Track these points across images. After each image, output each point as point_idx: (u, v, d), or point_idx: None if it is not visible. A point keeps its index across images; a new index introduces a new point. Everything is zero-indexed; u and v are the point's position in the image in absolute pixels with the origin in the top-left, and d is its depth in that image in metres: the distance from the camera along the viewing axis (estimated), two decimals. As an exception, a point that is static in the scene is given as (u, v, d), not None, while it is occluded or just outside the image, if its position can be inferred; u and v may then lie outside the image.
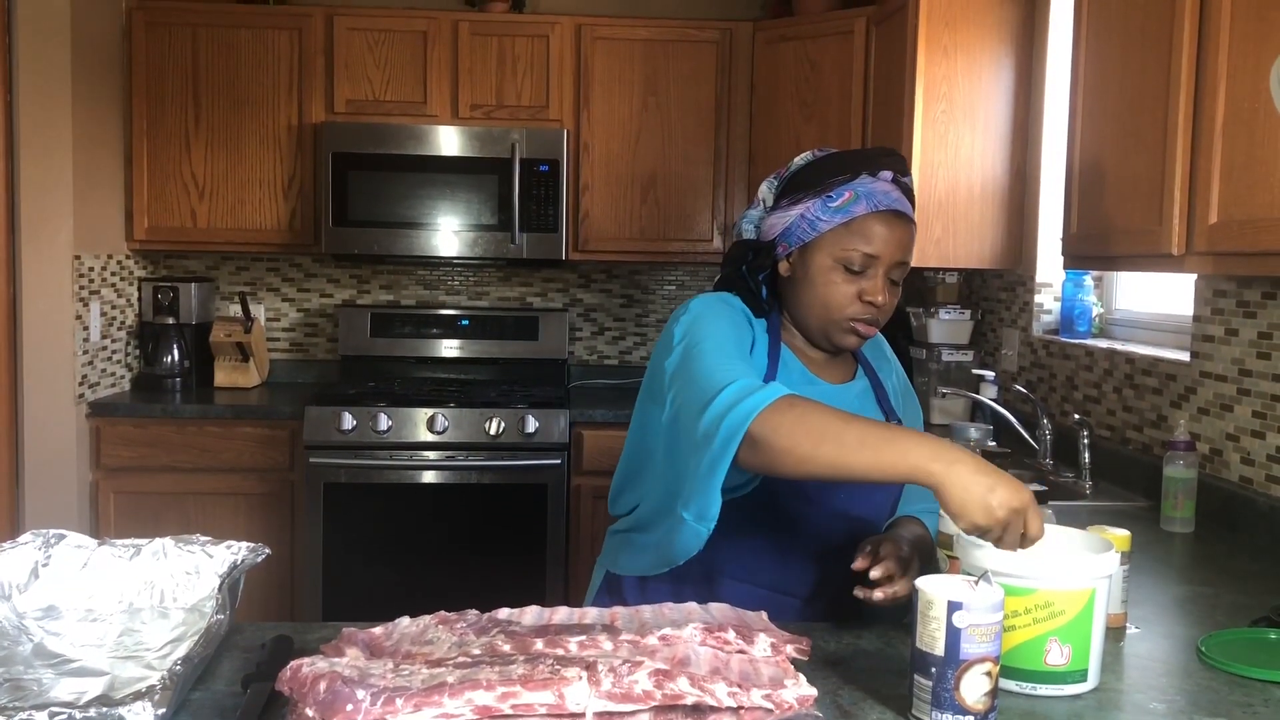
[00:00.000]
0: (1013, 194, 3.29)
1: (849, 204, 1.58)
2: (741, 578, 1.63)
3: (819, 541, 1.63)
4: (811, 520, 1.63)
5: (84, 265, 3.60)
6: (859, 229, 1.57)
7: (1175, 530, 2.24)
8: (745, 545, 1.62)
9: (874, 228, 1.57)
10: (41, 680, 1.22)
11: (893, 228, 1.58)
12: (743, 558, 1.63)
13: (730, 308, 1.64)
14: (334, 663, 1.15)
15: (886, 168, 1.61)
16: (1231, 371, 2.33)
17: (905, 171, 1.63)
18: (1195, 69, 1.89)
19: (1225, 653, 1.43)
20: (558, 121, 3.92)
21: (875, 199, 1.57)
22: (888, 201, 1.58)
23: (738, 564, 1.63)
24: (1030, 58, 3.26)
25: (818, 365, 1.69)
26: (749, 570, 1.63)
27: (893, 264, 1.59)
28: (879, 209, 1.57)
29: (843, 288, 1.59)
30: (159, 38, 3.83)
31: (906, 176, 1.63)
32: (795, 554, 1.63)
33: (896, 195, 1.59)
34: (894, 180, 1.60)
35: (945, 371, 3.51)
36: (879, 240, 1.57)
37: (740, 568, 1.63)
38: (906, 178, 1.63)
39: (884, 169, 1.60)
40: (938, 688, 1.15)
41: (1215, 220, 1.83)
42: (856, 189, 1.58)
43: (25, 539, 1.46)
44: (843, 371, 1.72)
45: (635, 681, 1.08)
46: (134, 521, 3.60)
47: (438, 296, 4.33)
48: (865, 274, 1.59)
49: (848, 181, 1.59)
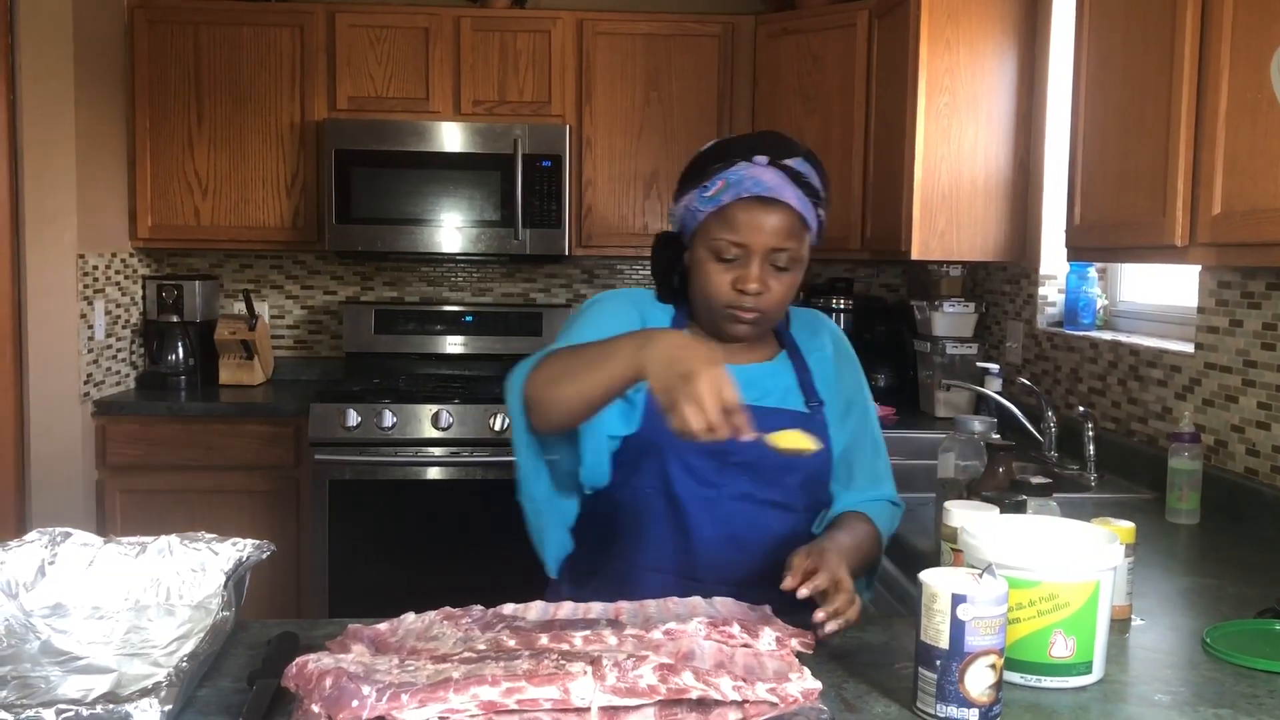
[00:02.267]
0: (1016, 186, 3.28)
1: (720, 193, 1.57)
2: (651, 566, 1.64)
3: (725, 525, 1.63)
4: (715, 504, 1.63)
5: (88, 264, 3.61)
6: (727, 217, 1.57)
7: (1180, 522, 2.24)
8: (651, 533, 1.63)
9: (739, 215, 1.56)
10: (49, 678, 1.23)
11: (761, 214, 1.55)
12: (648, 546, 1.64)
13: (618, 304, 1.69)
14: (339, 659, 1.15)
15: (762, 152, 1.58)
16: (1236, 363, 2.33)
17: (789, 154, 1.59)
18: (1198, 60, 1.88)
19: (1230, 644, 1.43)
20: (560, 117, 3.92)
21: (743, 186, 1.55)
22: (756, 188, 1.55)
23: (644, 553, 1.64)
24: (1033, 50, 3.25)
25: (726, 350, 1.66)
26: (654, 558, 1.64)
27: (767, 251, 1.56)
28: (743, 196, 1.55)
29: (718, 277, 1.59)
30: (161, 36, 3.83)
31: (793, 159, 1.58)
32: (701, 539, 1.63)
33: (772, 180, 1.55)
34: (772, 164, 1.57)
35: (949, 365, 3.51)
36: (744, 228, 1.56)
37: (647, 556, 1.64)
38: (793, 160, 1.58)
39: (760, 154, 1.57)
40: (942, 680, 1.16)
41: (1218, 211, 1.82)
42: (729, 177, 1.57)
43: (31, 537, 1.47)
44: (758, 353, 1.70)
45: (640, 676, 1.08)
46: (140, 519, 3.60)
47: (441, 293, 4.33)
48: (739, 262, 1.58)
49: (722, 170, 1.58)
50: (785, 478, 1.64)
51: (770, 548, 1.62)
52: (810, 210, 1.59)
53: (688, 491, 1.62)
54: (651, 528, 1.64)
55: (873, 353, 3.92)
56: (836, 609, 1.34)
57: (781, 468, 1.62)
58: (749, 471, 1.62)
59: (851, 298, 4.00)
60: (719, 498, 1.63)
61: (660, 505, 1.63)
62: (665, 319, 1.71)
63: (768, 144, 1.60)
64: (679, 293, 1.71)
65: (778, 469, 1.62)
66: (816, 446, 1.43)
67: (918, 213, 3.23)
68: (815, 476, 1.67)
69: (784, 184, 1.56)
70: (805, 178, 1.58)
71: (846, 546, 1.53)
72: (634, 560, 1.65)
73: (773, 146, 1.60)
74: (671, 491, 1.62)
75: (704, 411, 1.27)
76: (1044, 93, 3.21)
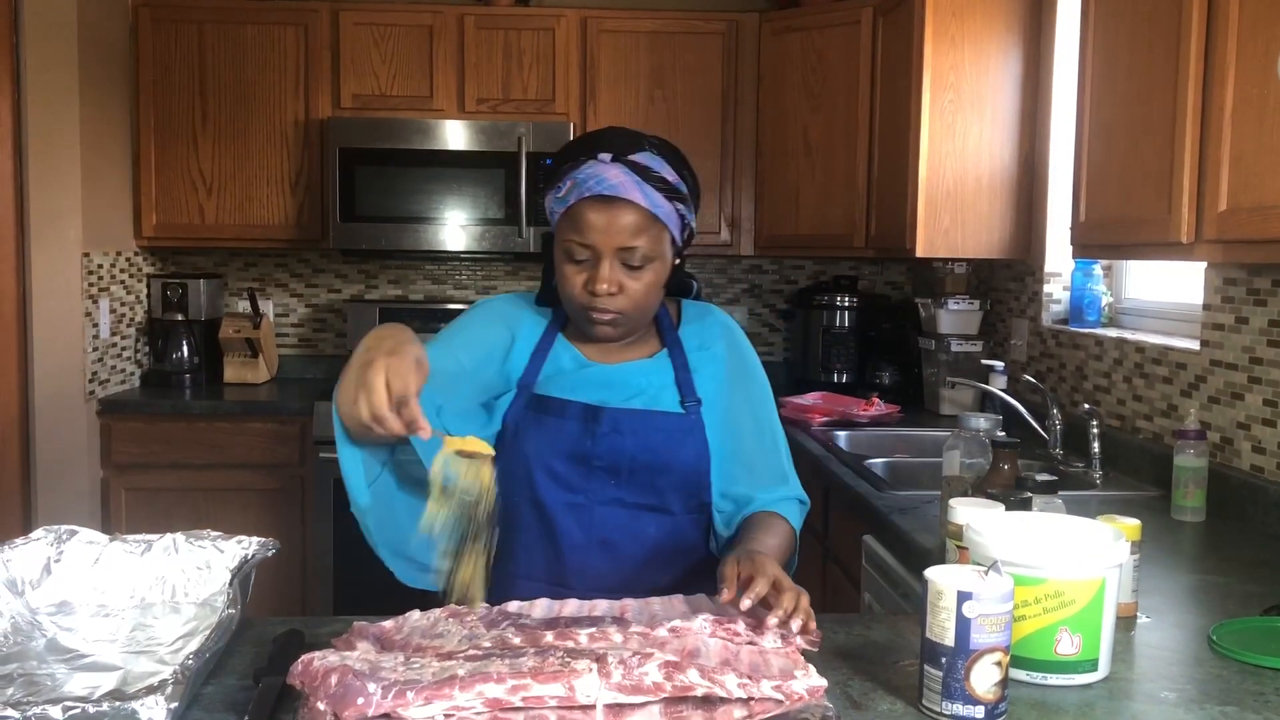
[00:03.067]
0: (1021, 183, 3.28)
1: (569, 193, 1.54)
2: (523, 575, 1.61)
3: (594, 531, 1.60)
4: (583, 510, 1.60)
5: (93, 262, 3.61)
6: (573, 218, 1.54)
7: (1186, 519, 2.23)
8: (520, 541, 1.61)
9: (584, 215, 1.52)
10: (55, 675, 1.23)
11: (602, 213, 1.51)
12: (518, 554, 1.61)
13: (491, 309, 1.70)
14: (345, 656, 1.15)
15: (607, 149, 1.54)
16: (1242, 360, 2.33)
17: (634, 149, 1.55)
18: (1204, 56, 1.88)
19: (1237, 641, 1.43)
20: (564, 115, 3.92)
21: (585, 185, 1.52)
22: (599, 187, 1.51)
23: (515, 561, 1.61)
24: (1038, 47, 3.25)
25: (601, 350, 1.65)
26: (525, 567, 1.61)
27: (615, 250, 1.53)
28: (585, 195, 1.52)
29: (572, 279, 1.57)
30: (165, 34, 3.83)
31: (638, 153, 1.54)
32: (570, 546, 1.60)
33: (614, 178, 1.51)
34: (616, 160, 1.52)
35: (954, 362, 3.50)
36: (588, 228, 1.52)
37: (518, 564, 1.61)
38: (638, 154, 1.54)
39: (604, 150, 1.54)
40: (948, 678, 1.15)
41: (1224, 208, 1.82)
42: (576, 176, 1.53)
43: (37, 535, 1.47)
44: (637, 351, 1.67)
45: (645, 673, 1.08)
46: (145, 517, 3.61)
47: (446, 290, 4.33)
48: (589, 263, 1.55)
49: (570, 170, 1.55)
50: (657, 480, 1.60)
51: (646, 553, 1.60)
52: (663, 205, 1.54)
53: (552, 498, 1.60)
54: (521, 535, 1.61)
55: (877, 350, 3.92)
56: (786, 609, 1.27)
57: (651, 470, 1.59)
58: (615, 476, 1.59)
59: (856, 295, 4.00)
60: (587, 504, 1.60)
61: (527, 513, 1.60)
62: (540, 322, 1.69)
63: (613, 140, 1.56)
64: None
65: (647, 471, 1.59)
66: (490, 452, 1.39)
67: (922, 210, 3.23)
68: (690, 478, 1.62)
69: (629, 180, 1.51)
70: (654, 172, 1.53)
71: (772, 548, 1.50)
72: (506, 569, 1.60)
73: (618, 142, 1.55)
74: (536, 498, 1.60)
75: (371, 402, 1.26)
76: (1049, 89, 3.21)
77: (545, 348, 1.66)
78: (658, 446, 1.59)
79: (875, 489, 2.48)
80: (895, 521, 2.19)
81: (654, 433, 1.59)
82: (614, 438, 1.58)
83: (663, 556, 1.61)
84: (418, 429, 1.30)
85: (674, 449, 1.60)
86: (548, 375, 1.64)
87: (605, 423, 1.59)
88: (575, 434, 1.59)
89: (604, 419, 1.59)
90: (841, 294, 3.99)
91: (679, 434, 1.61)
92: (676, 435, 1.60)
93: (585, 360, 1.65)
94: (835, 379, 3.93)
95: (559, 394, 1.62)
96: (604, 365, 1.65)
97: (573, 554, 1.61)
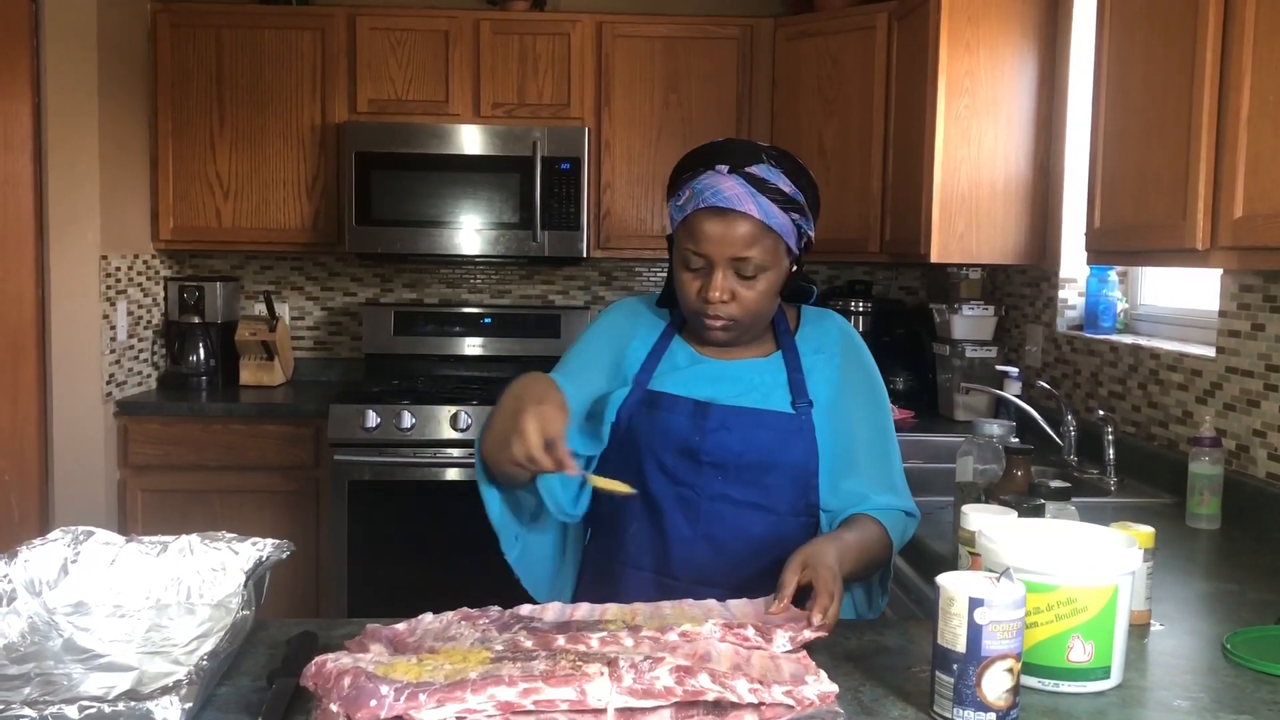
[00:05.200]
0: (1036, 189, 3.27)
1: (687, 202, 1.58)
2: (630, 563, 1.66)
3: (701, 525, 1.62)
4: (690, 503, 1.63)
5: (111, 265, 3.64)
6: (690, 227, 1.57)
7: (1201, 527, 2.22)
8: (630, 532, 1.65)
9: (699, 225, 1.56)
10: (71, 675, 1.24)
11: (717, 224, 1.55)
12: (626, 544, 1.66)
13: (615, 315, 1.76)
14: (358, 658, 1.16)
15: (724, 160, 1.57)
16: (1258, 367, 2.31)
17: (752, 161, 1.57)
18: (1219, 62, 1.87)
19: (1251, 650, 1.42)
20: (579, 120, 3.93)
21: (702, 196, 1.55)
22: (714, 199, 1.54)
23: (623, 549, 1.66)
24: (1053, 51, 3.24)
25: (716, 349, 1.69)
26: (633, 556, 1.66)
27: (728, 260, 1.56)
28: (701, 206, 1.55)
29: (687, 285, 1.61)
30: (183, 39, 3.86)
31: (755, 165, 1.56)
32: (676, 538, 1.63)
33: (729, 190, 1.54)
34: (733, 172, 1.55)
35: (968, 367, 3.49)
36: (702, 238, 1.56)
37: (626, 553, 1.66)
38: (755, 166, 1.56)
39: (722, 162, 1.57)
40: (959, 684, 1.15)
41: (1240, 214, 1.81)
42: (695, 186, 1.57)
43: (55, 536, 1.48)
44: (752, 350, 1.70)
45: (657, 678, 1.09)
46: (161, 519, 3.63)
47: (460, 295, 4.34)
48: (703, 271, 1.59)
49: (690, 180, 1.59)
50: (763, 478, 1.62)
51: (750, 550, 1.61)
52: (778, 217, 1.56)
53: (662, 490, 1.63)
54: (631, 526, 1.65)
55: (891, 355, 3.91)
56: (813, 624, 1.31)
57: (758, 468, 1.61)
58: (722, 472, 1.62)
59: (870, 300, 3.99)
60: (695, 497, 1.63)
61: (636, 503, 1.63)
62: (659, 323, 1.74)
63: (732, 151, 1.58)
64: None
65: (754, 469, 1.61)
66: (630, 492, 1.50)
67: (937, 215, 3.22)
68: (797, 479, 1.63)
69: (744, 192, 1.54)
70: (770, 184, 1.56)
71: (849, 543, 1.50)
72: (614, 556, 1.66)
73: (736, 154, 1.58)
74: (646, 490, 1.63)
75: (524, 444, 1.36)
76: (1064, 95, 3.20)
77: (662, 347, 1.71)
78: (765, 445, 1.62)
79: (888, 494, 2.47)
80: (908, 527, 2.19)
81: (762, 431, 1.62)
82: (722, 434, 1.61)
83: (767, 555, 1.60)
84: (566, 467, 1.40)
85: (782, 448, 1.62)
86: (663, 371, 1.69)
87: (714, 419, 1.62)
88: (685, 428, 1.63)
89: (713, 415, 1.62)
90: (856, 299, 3.99)
91: (788, 434, 1.63)
92: (785, 435, 1.62)
93: (699, 357, 1.69)
94: (849, 384, 3.92)
95: (672, 389, 1.66)
96: (717, 361, 1.68)
97: (678, 546, 1.64)
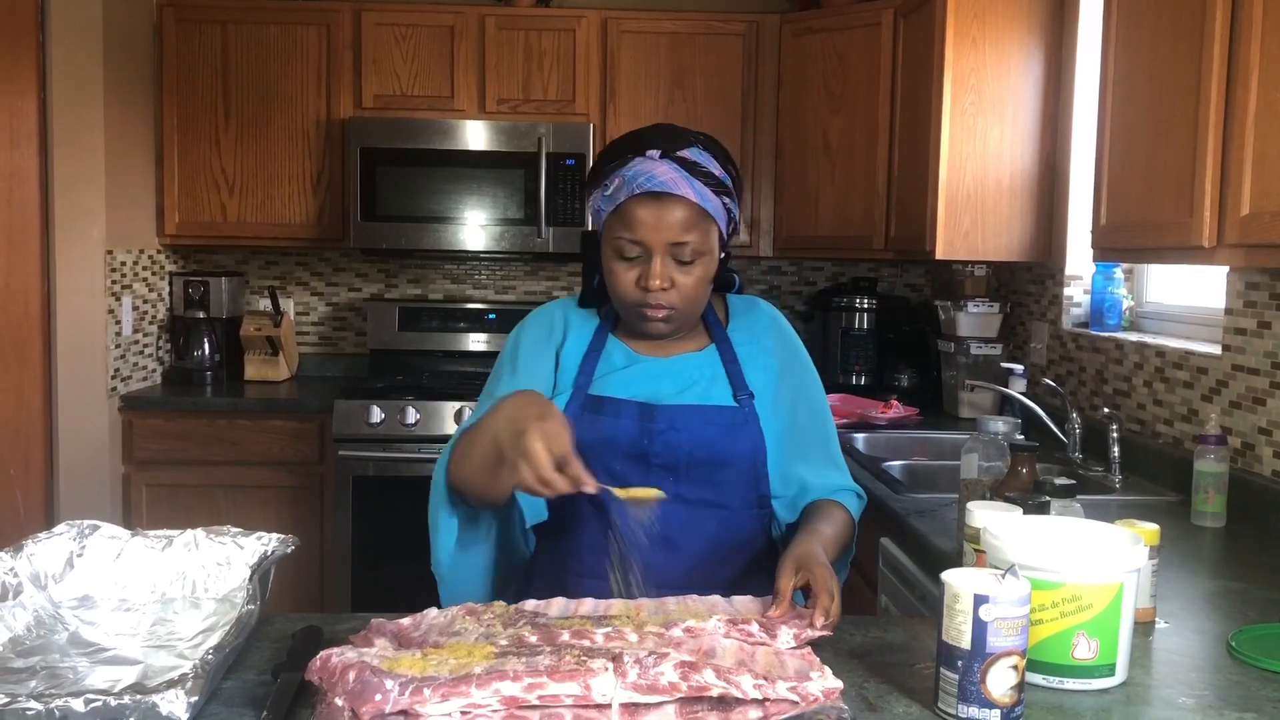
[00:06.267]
0: (1042, 186, 3.26)
1: (618, 190, 1.55)
2: (588, 574, 1.60)
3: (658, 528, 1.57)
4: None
5: (116, 260, 3.64)
6: (623, 215, 1.54)
7: (1206, 525, 2.22)
8: (585, 542, 1.61)
9: (634, 212, 1.53)
10: (77, 668, 1.24)
11: (652, 209, 1.52)
12: (582, 554, 1.61)
13: (541, 321, 1.71)
14: (363, 653, 1.16)
15: (655, 146, 1.55)
16: (1264, 365, 2.31)
17: (683, 145, 1.55)
18: (1227, 59, 1.86)
19: (1256, 648, 1.42)
20: (584, 115, 3.93)
21: (635, 183, 1.53)
22: (648, 184, 1.52)
23: (580, 560, 1.61)
24: (1059, 48, 3.23)
25: (651, 345, 1.67)
26: (589, 565, 1.60)
27: (667, 246, 1.54)
28: (636, 192, 1.53)
29: (623, 276, 1.57)
30: (189, 34, 3.86)
31: (687, 149, 1.55)
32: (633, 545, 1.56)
33: (664, 174, 1.52)
34: (665, 157, 1.53)
35: (973, 365, 3.49)
36: (639, 225, 1.53)
37: (582, 564, 1.61)
38: (687, 150, 1.55)
39: (653, 147, 1.55)
40: (964, 681, 1.15)
41: (1247, 212, 1.81)
42: (625, 174, 1.54)
43: (60, 530, 1.48)
44: (686, 345, 1.68)
45: (661, 673, 1.09)
46: (165, 513, 3.64)
47: (465, 290, 4.35)
48: (641, 259, 1.56)
49: (618, 168, 1.56)
50: (715, 475, 1.61)
51: (707, 549, 1.60)
52: (712, 200, 1.55)
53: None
54: (584, 535, 1.61)
55: (896, 352, 3.91)
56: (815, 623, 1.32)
57: (708, 465, 1.60)
58: (672, 473, 1.60)
59: (875, 297, 3.99)
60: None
61: (588, 511, 1.60)
62: (590, 323, 1.70)
63: (661, 137, 1.57)
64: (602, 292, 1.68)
65: (704, 467, 1.60)
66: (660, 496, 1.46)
67: (942, 212, 3.22)
68: (747, 471, 1.63)
69: (678, 176, 1.53)
70: (702, 167, 1.55)
71: (829, 538, 1.52)
72: (567, 566, 1.62)
73: (666, 139, 1.56)
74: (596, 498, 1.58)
75: (535, 466, 1.30)
76: (1070, 92, 3.19)
77: (598, 347, 1.68)
78: (714, 440, 1.60)
79: (893, 492, 2.47)
80: (913, 524, 2.19)
81: (709, 427, 1.61)
82: (670, 434, 1.60)
83: (723, 552, 1.61)
84: (584, 484, 1.35)
85: (730, 443, 1.61)
86: (601, 374, 1.66)
87: (661, 419, 1.60)
88: (632, 432, 1.60)
89: (659, 416, 1.60)
90: (861, 296, 3.98)
91: (734, 427, 1.62)
92: (731, 429, 1.61)
93: (636, 355, 1.67)
94: (854, 381, 3.93)
95: (613, 393, 1.63)
96: (655, 358, 1.67)
97: (635, 552, 1.61)
